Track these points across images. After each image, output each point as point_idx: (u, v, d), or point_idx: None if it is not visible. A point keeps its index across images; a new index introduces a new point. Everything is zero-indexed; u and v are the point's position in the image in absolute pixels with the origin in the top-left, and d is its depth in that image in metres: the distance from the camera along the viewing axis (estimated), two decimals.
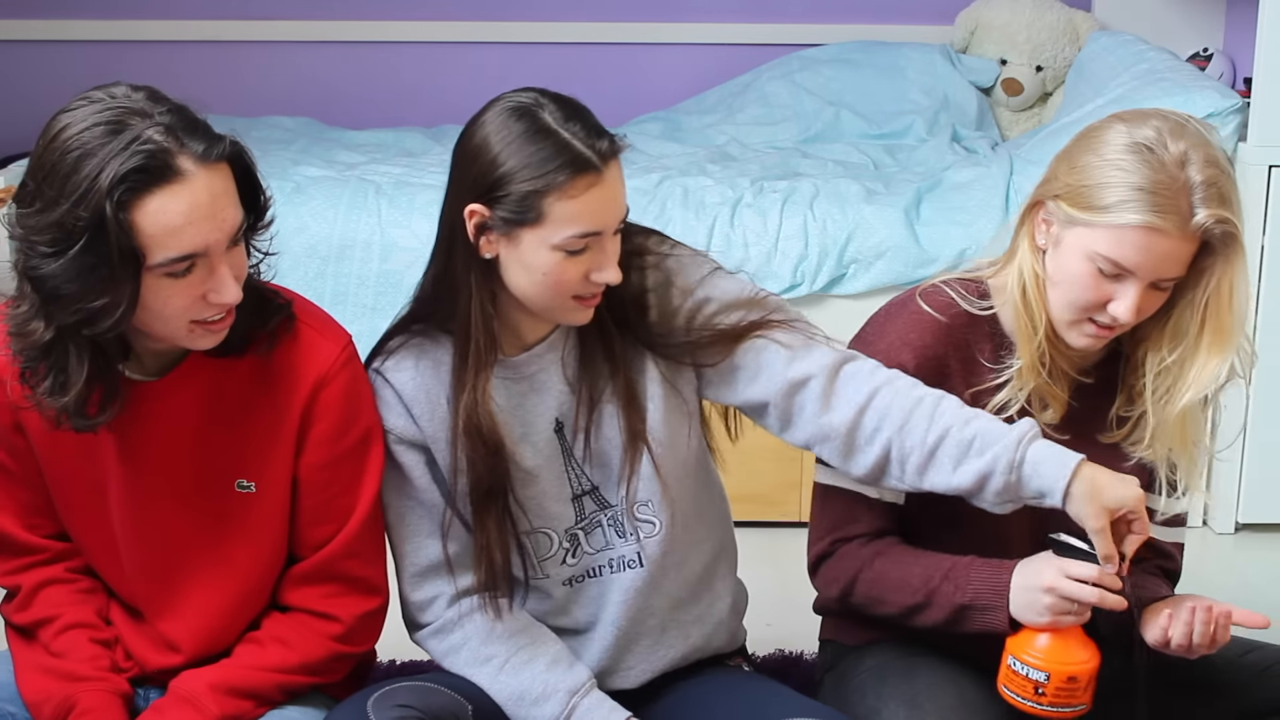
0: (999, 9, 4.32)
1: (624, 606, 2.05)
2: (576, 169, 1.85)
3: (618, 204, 1.90)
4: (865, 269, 3.39)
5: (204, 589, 1.97)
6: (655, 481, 2.02)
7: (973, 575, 1.95)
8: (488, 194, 1.88)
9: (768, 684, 2.09)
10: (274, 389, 1.93)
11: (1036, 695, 1.90)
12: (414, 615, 2.06)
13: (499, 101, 1.93)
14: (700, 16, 4.52)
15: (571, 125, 1.87)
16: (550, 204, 1.85)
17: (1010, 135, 4.25)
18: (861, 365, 1.98)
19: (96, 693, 1.93)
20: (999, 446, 1.89)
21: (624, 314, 1.99)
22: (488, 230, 1.89)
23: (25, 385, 1.83)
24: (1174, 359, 1.98)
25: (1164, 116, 1.93)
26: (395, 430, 1.99)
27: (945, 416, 1.92)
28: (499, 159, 1.87)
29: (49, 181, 1.72)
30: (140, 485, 1.93)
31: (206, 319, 1.81)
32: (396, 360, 2.00)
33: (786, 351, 1.98)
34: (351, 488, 1.97)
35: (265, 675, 1.96)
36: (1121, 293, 1.91)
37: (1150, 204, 1.86)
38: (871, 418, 1.94)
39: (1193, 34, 4.35)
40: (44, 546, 2.00)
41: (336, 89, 4.51)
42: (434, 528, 2.02)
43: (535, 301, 1.93)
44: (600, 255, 1.90)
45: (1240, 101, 3.38)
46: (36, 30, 4.44)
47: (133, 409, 1.88)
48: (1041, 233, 1.98)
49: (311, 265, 3.33)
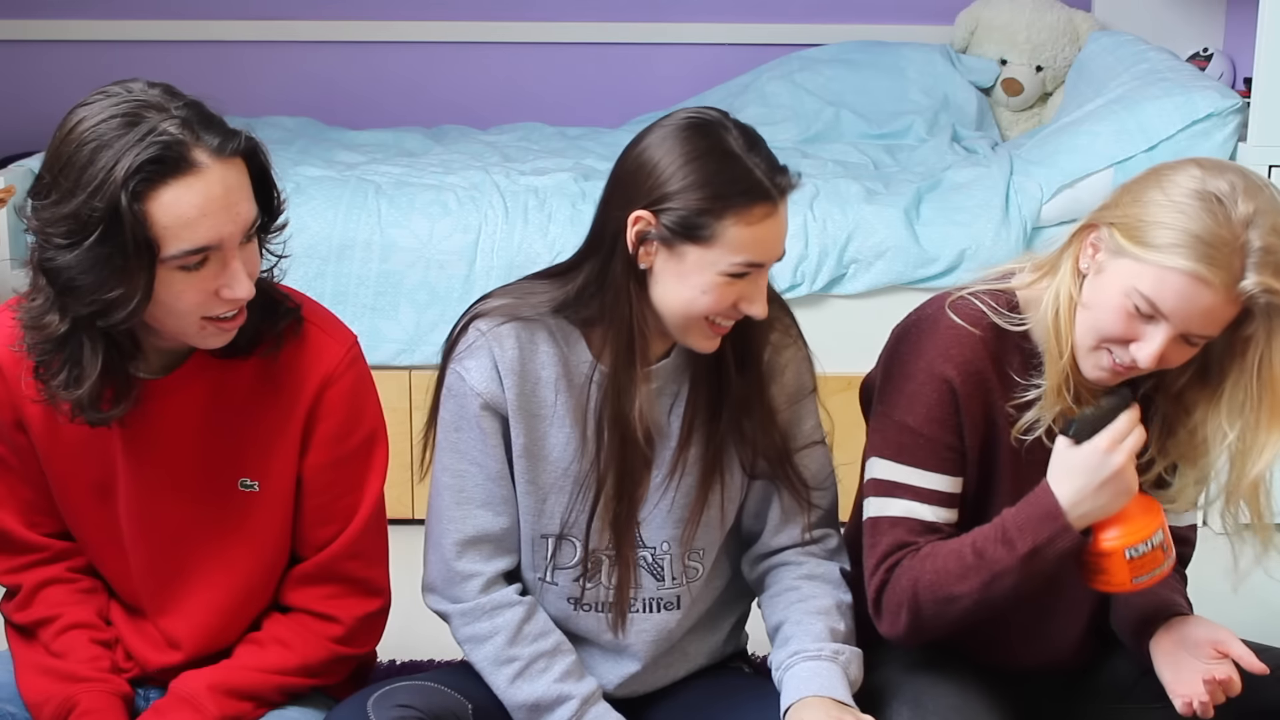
0: (999, 9, 4.32)
1: (654, 645, 2.07)
2: (756, 197, 1.84)
3: (784, 239, 1.91)
4: (865, 269, 3.39)
5: (207, 587, 1.97)
6: (717, 531, 2.05)
7: (1020, 520, 1.91)
8: (657, 204, 1.86)
9: (768, 687, 2.09)
10: (279, 388, 1.93)
11: (1165, 554, 1.91)
12: (446, 584, 2.02)
13: (679, 113, 1.91)
14: (700, 16, 4.52)
15: (754, 155, 1.86)
16: (726, 226, 1.84)
17: (1010, 135, 4.25)
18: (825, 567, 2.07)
19: (97, 694, 1.93)
20: (780, 652, 1.99)
21: (744, 360, 2.00)
22: (648, 240, 1.88)
23: (38, 380, 1.84)
24: (1235, 435, 1.94)
25: (1243, 175, 1.88)
26: (483, 393, 1.97)
27: (795, 609, 2.02)
28: (676, 172, 1.85)
29: (65, 173, 1.73)
30: (145, 482, 1.93)
31: (218, 316, 1.81)
32: (500, 327, 1.97)
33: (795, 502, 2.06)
34: (355, 488, 1.97)
35: (265, 676, 1.96)
36: (1149, 336, 1.87)
37: (1202, 254, 1.82)
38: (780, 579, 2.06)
39: (1193, 34, 4.35)
40: (45, 545, 2.00)
41: (336, 89, 4.51)
42: (487, 499, 1.99)
43: (676, 318, 1.91)
44: (754, 287, 1.89)
45: (1240, 101, 3.38)
46: (36, 30, 4.44)
47: (139, 406, 1.88)
48: (1086, 257, 1.92)
49: (311, 265, 3.34)
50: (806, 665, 1.95)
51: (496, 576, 2.01)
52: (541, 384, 1.98)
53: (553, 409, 1.98)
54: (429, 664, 2.63)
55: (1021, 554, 1.89)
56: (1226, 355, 1.93)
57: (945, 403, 1.96)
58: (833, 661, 1.95)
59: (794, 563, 2.05)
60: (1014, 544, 1.90)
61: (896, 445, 1.98)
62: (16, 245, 3.30)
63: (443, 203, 3.44)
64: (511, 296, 2.00)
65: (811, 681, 1.92)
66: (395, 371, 3.33)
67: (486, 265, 3.36)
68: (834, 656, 1.96)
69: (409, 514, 3.10)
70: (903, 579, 1.96)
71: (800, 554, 2.06)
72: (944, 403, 1.96)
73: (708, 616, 2.12)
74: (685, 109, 1.91)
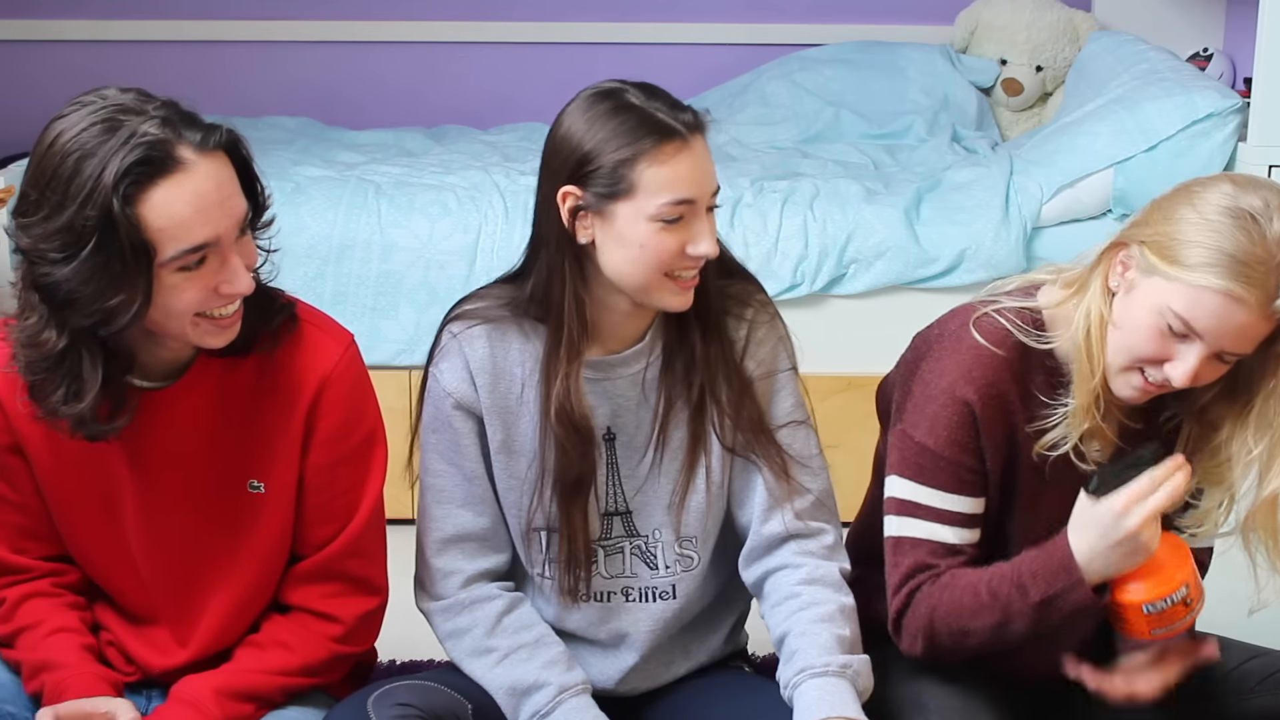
0: (999, 9, 4.32)
1: (651, 635, 2.07)
2: (663, 134, 1.88)
3: (708, 173, 1.92)
4: (865, 269, 3.39)
5: (219, 590, 1.97)
6: (705, 516, 2.04)
7: (1035, 567, 1.89)
8: (578, 173, 1.89)
9: (768, 686, 2.09)
10: (280, 388, 1.93)
11: (1187, 608, 1.88)
12: (429, 582, 2.05)
13: (581, 93, 1.95)
14: (700, 16, 4.52)
15: (653, 101, 1.91)
16: (640, 172, 1.87)
17: (1010, 135, 4.25)
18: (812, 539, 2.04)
19: (84, 675, 1.91)
20: (786, 669, 1.95)
21: (709, 330, 2.00)
22: (582, 213, 1.91)
23: (34, 400, 1.82)
24: (1261, 449, 1.93)
25: (1277, 191, 1.86)
26: (454, 393, 2.00)
27: (799, 619, 1.97)
28: (585, 138, 1.89)
29: (52, 187, 1.72)
30: (155, 493, 1.93)
31: (217, 313, 1.81)
32: (472, 328, 2.01)
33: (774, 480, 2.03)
34: (355, 486, 1.98)
35: (268, 678, 1.96)
36: (1182, 354, 1.85)
37: (1237, 272, 1.80)
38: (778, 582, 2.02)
39: (1193, 34, 4.35)
40: (30, 567, 1.99)
41: (336, 89, 4.51)
42: (467, 499, 2.02)
43: (631, 280, 1.93)
44: (696, 227, 1.91)
45: (1240, 101, 3.38)
46: (36, 30, 4.44)
47: (142, 418, 1.88)
48: (1116, 275, 1.91)
49: (311, 265, 3.34)
50: (815, 684, 1.93)
51: (478, 574, 2.03)
52: (514, 381, 2.00)
53: (525, 405, 2.00)
54: (429, 664, 2.63)
55: (1034, 602, 1.89)
56: (1257, 372, 1.92)
57: (966, 425, 1.95)
58: (840, 677, 1.94)
59: (791, 565, 2.04)
60: (1027, 591, 1.89)
61: (917, 466, 1.97)
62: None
63: (443, 203, 3.44)
64: (482, 300, 2.03)
65: (822, 702, 1.90)
66: (395, 371, 3.33)
67: (486, 265, 3.36)
68: (841, 671, 1.94)
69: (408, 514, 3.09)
70: (921, 606, 1.97)
71: (797, 554, 2.04)
72: (965, 425, 1.95)
73: (708, 613, 2.12)
74: (589, 85, 1.95)
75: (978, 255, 3.36)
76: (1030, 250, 3.38)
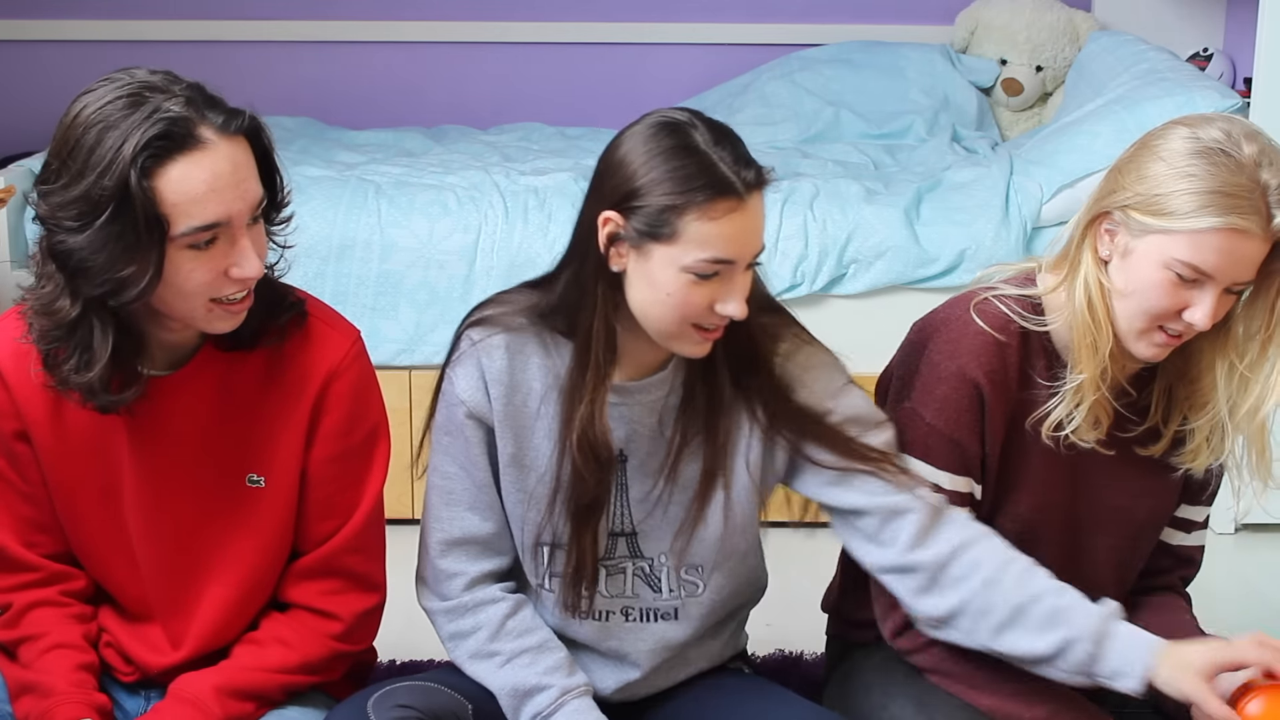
0: (999, 9, 4.32)
1: (651, 655, 2.06)
2: (718, 191, 1.80)
3: (756, 236, 1.86)
4: (865, 269, 3.39)
5: (217, 585, 1.98)
6: (716, 547, 2.01)
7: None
8: (623, 203, 1.83)
9: (768, 687, 2.09)
10: (285, 382, 1.93)
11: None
12: (432, 581, 2.03)
13: (651, 114, 1.88)
14: (700, 16, 4.52)
15: (720, 149, 1.82)
16: (687, 222, 1.80)
17: (1010, 135, 4.25)
18: (959, 513, 1.96)
19: (73, 704, 1.91)
20: (1084, 617, 1.87)
21: (743, 370, 1.95)
22: (619, 241, 1.85)
23: (47, 370, 1.84)
24: (1244, 365, 1.95)
25: (1229, 120, 1.90)
26: (468, 402, 1.97)
27: (1038, 582, 1.90)
28: (640, 170, 1.82)
29: (73, 156, 1.75)
30: (155, 480, 1.93)
31: (227, 297, 1.82)
32: (491, 337, 1.97)
33: (891, 479, 1.95)
34: (357, 483, 1.98)
35: (267, 676, 1.96)
36: (1198, 299, 1.88)
37: (1230, 206, 1.83)
38: (961, 565, 1.91)
39: (1193, 34, 4.36)
40: (40, 565, 1.99)
41: (336, 89, 4.51)
42: (474, 503, 2.00)
43: (653, 323, 1.88)
44: (729, 286, 1.85)
45: (1240, 101, 3.39)
46: (36, 30, 4.45)
47: (146, 403, 1.89)
48: (1105, 244, 1.93)
49: (311, 265, 3.34)
50: (1126, 623, 1.87)
51: (482, 576, 2.02)
52: (531, 395, 1.97)
53: (541, 420, 1.98)
54: (429, 664, 2.63)
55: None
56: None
57: (974, 408, 1.97)
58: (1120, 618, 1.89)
59: (970, 538, 1.93)
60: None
61: (925, 446, 1.99)
62: (16, 246, 3.31)
63: (443, 203, 3.44)
64: (505, 306, 2.00)
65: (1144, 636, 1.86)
66: (395, 371, 3.33)
67: (486, 265, 3.36)
68: (1118, 611, 1.89)
69: (409, 514, 3.10)
70: (929, 659, 2.00)
71: (927, 509, 1.94)
72: (973, 408, 1.97)
73: (711, 626, 2.10)
74: (660, 109, 1.89)
75: (978, 255, 3.36)
76: (1030, 250, 3.38)
